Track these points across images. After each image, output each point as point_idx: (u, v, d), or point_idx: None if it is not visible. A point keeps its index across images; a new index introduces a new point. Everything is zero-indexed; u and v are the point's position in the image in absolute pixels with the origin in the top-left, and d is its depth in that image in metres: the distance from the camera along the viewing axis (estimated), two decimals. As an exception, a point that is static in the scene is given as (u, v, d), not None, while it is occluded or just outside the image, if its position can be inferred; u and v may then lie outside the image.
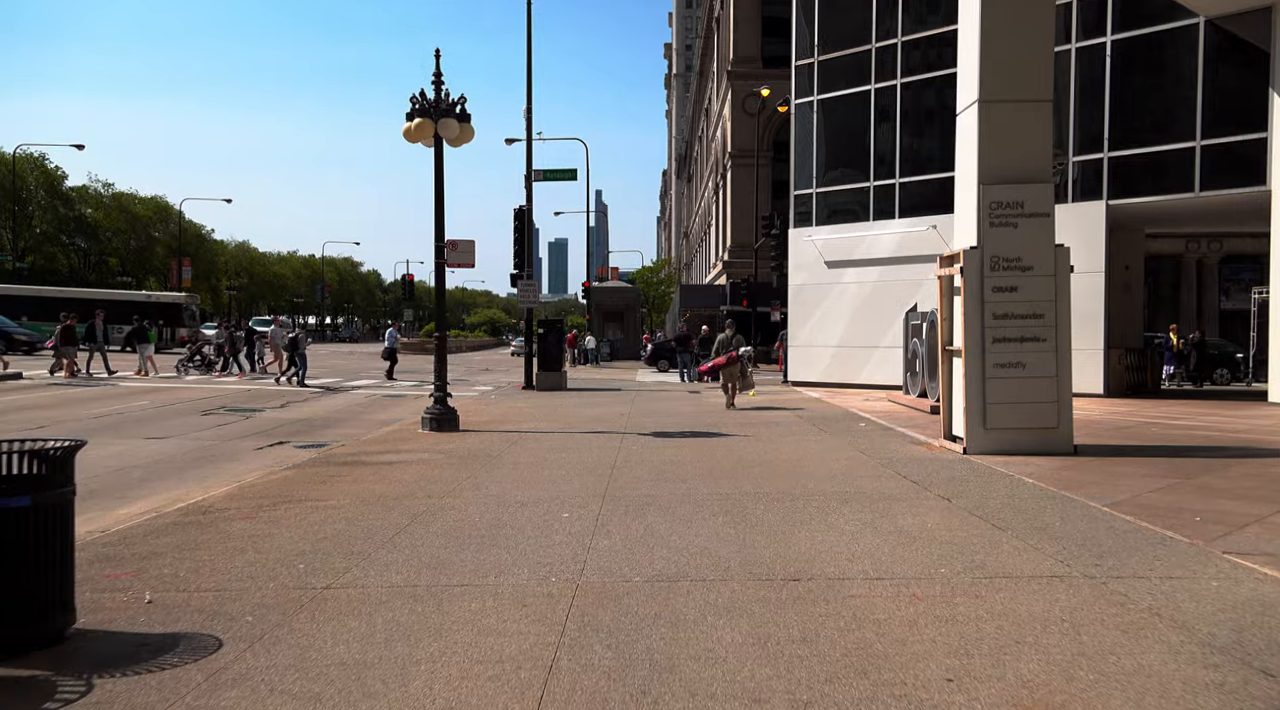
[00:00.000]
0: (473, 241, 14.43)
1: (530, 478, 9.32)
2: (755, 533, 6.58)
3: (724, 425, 14.51)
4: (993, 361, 10.51)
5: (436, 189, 14.01)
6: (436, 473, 9.69)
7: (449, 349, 30.56)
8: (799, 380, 24.69)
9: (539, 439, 12.78)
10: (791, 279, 25.15)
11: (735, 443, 12.22)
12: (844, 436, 12.95)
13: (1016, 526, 6.69)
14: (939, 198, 22.24)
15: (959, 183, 11.46)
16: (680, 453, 11.12)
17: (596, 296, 49.36)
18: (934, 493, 8.19)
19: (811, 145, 24.51)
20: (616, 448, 11.66)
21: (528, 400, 20.34)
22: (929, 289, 21.49)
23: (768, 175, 48.84)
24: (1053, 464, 9.83)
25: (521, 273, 24.59)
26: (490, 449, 11.65)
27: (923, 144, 22.86)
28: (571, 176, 24.65)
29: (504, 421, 15.43)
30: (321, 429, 15.17)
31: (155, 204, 77.74)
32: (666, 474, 9.42)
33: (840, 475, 9.31)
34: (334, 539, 6.50)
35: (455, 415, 14.03)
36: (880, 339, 22.79)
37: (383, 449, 11.73)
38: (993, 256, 10.50)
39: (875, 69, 23.06)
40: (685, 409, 17.85)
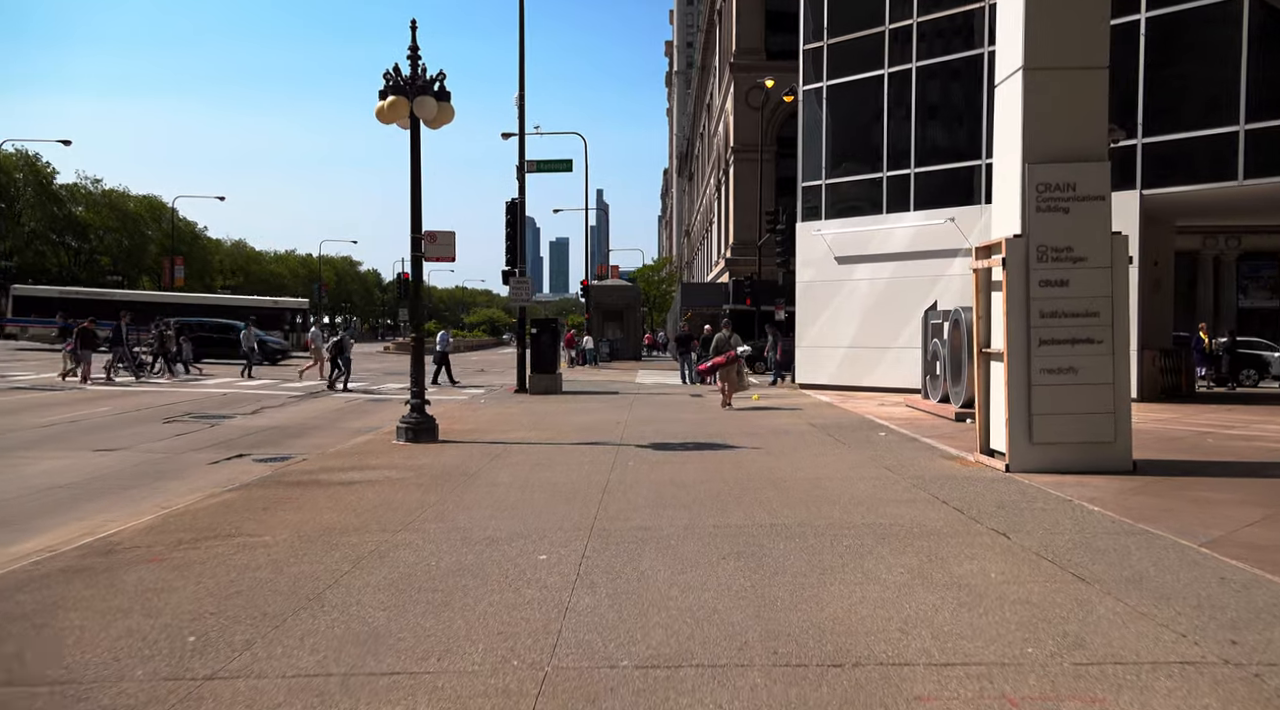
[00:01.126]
0: (452, 233, 13.11)
1: (508, 503, 8.00)
2: (776, 585, 5.26)
3: (730, 435, 13.19)
4: (1039, 366, 9.18)
5: (413, 175, 12.68)
6: (400, 496, 8.37)
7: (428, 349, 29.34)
8: (807, 383, 23.36)
9: (524, 452, 11.46)
10: (799, 276, 23.81)
11: (743, 457, 10.89)
12: (864, 448, 11.62)
13: (1103, 577, 5.36)
14: (958, 188, 20.91)
15: (998, 163, 10.13)
16: (682, 470, 9.80)
17: (596, 295, 48.03)
18: (985, 525, 6.86)
19: (820, 134, 23.17)
20: (610, 463, 10.35)
21: (519, 405, 19.03)
22: (947, 285, 20.19)
23: (771, 171, 47.48)
24: (1114, 485, 8.50)
25: (513, 269, 23.27)
26: (468, 465, 10.33)
27: (940, 132, 21.53)
28: (566, 167, 23.33)
29: (489, 430, 14.12)
30: (291, 438, 13.89)
31: (148, 202, 76.48)
32: (666, 498, 8.10)
33: (868, 500, 7.98)
34: (249, 594, 5.18)
35: (433, 424, 12.72)
36: (894, 339, 21.45)
37: (347, 465, 10.41)
38: (1040, 246, 9.17)
39: (889, 52, 21.71)
40: (687, 415, 16.52)
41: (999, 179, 10.09)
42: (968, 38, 20.84)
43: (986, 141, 20.04)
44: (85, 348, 23.13)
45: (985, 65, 19.97)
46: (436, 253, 12.94)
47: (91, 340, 23.31)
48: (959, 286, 20.02)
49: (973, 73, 20.58)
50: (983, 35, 20.07)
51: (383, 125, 12.60)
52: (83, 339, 23.18)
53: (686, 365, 26.80)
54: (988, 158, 20.02)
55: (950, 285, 20.19)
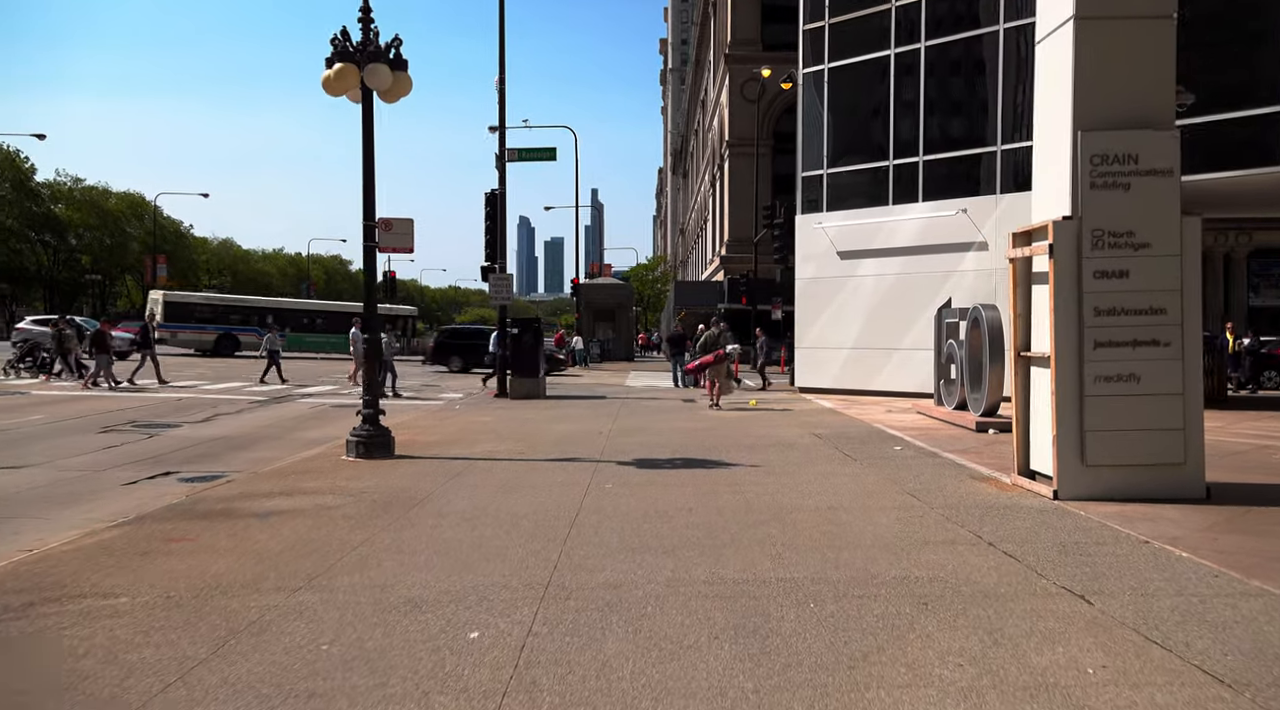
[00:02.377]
0: (410, 221, 11.58)
1: (452, 544, 6.48)
2: (790, 690, 3.75)
3: (725, 448, 11.67)
4: (1094, 374, 7.69)
5: (365, 154, 11.15)
6: (322, 533, 6.84)
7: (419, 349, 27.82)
8: (808, 386, 21.86)
9: (489, 471, 9.94)
10: (799, 272, 22.31)
11: (741, 477, 9.38)
12: (879, 466, 10.11)
13: (1247, 677, 3.86)
14: (970, 178, 19.45)
15: (1040, 134, 8.64)
16: (668, 496, 8.29)
17: (586, 294, 46.51)
18: (1053, 581, 5.36)
19: (822, 121, 21.66)
20: (585, 485, 8.83)
21: (495, 412, 17.50)
22: (959, 282, 18.72)
23: (767, 166, 46.05)
24: (1192, 519, 7.01)
25: (493, 265, 21.75)
26: (419, 488, 8.81)
27: (950, 117, 20.06)
28: (550, 157, 21.82)
29: (455, 442, 12.59)
30: (234, 451, 12.38)
31: (128, 199, 74.73)
32: (646, 538, 6.58)
33: (896, 541, 6.47)
34: (38, 709, 3.66)
35: (388, 438, 11.19)
36: (901, 339, 19.97)
37: (277, 488, 8.88)
38: (1095, 230, 7.68)
39: (896, 31, 20.23)
40: (678, 424, 15.00)
41: (1041, 153, 8.60)
42: (980, 14, 19.35)
43: (1001, 127, 18.58)
44: (100, 352, 21.57)
45: (1000, 44, 18.52)
46: (393, 242, 11.41)
47: (104, 344, 21.71)
48: (971, 283, 18.56)
49: (986, 52, 19.11)
50: (996, 11, 18.60)
51: (384, 123, 11.07)
52: (96, 342, 21.61)
53: (679, 367, 25.29)
54: (1003, 144, 18.56)
55: (962, 282, 18.73)
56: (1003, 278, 18.40)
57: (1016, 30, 18.28)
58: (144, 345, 23.29)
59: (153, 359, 23.17)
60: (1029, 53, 18.14)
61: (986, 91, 18.99)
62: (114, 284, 79.34)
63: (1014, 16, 18.17)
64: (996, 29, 18.51)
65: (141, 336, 23.57)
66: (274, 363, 24.95)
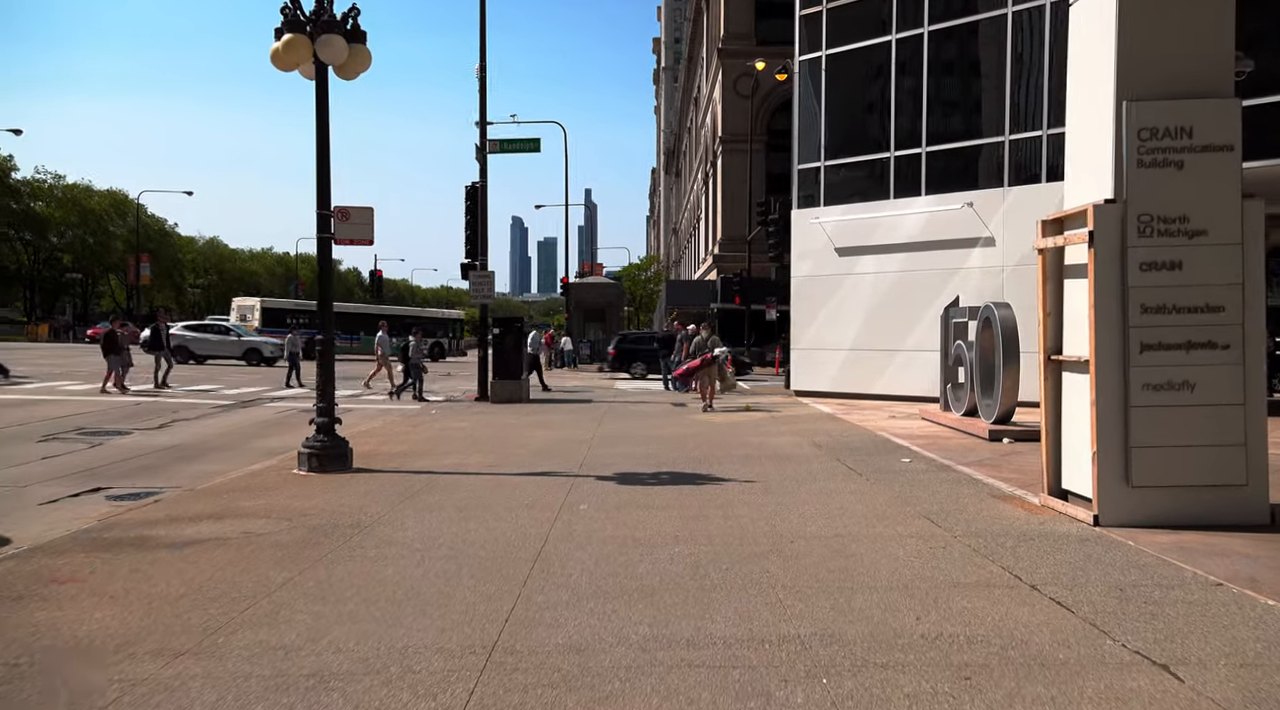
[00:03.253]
0: (370, 210, 10.51)
1: (389, 586, 5.42)
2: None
3: (716, 459, 10.63)
4: (1141, 380, 6.66)
5: (319, 136, 10.07)
6: (238, 572, 5.78)
7: None
8: (804, 389, 20.83)
9: (453, 488, 8.88)
10: (794, 270, 21.28)
11: (733, 495, 8.34)
12: (888, 482, 9.07)
13: None
14: (976, 169, 18.45)
15: (1075, 106, 7.62)
16: (650, 521, 7.24)
17: (576, 293, 45.43)
18: (1121, 642, 4.32)
19: (819, 111, 20.63)
20: (557, 507, 7.78)
21: (473, 417, 16.44)
22: (964, 279, 17.72)
23: (761, 162, 45.02)
24: (1267, 552, 5.97)
25: (474, 262, 20.68)
26: (368, 510, 7.74)
27: (956, 106, 19.05)
28: (534, 148, 20.76)
29: (423, 453, 11.53)
30: (181, 463, 11.34)
31: (111, 197, 73.33)
32: (621, 578, 5.54)
33: (919, 582, 5.44)
34: None
35: (344, 450, 10.12)
36: (902, 340, 18.96)
37: (207, 510, 7.80)
38: (1142, 215, 6.66)
39: (898, 15, 19.21)
40: (666, 431, 13.95)
41: (1076, 128, 7.58)
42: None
43: (1010, 116, 17.58)
44: (110, 353, 20.35)
45: (1009, 27, 17.53)
46: (350, 234, 10.34)
47: (114, 345, 20.48)
48: (977, 280, 17.56)
49: (994, 36, 18.12)
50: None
51: (375, 122, 9.99)
52: (106, 344, 20.44)
53: (669, 369, 24.23)
54: (1011, 133, 17.56)
55: (968, 279, 17.72)
56: (1011, 275, 17.44)
57: (1026, 13, 17.29)
58: (156, 347, 22.13)
59: (166, 360, 22.10)
60: (1039, 37, 17.16)
61: (994, 78, 18.00)
62: (97, 283, 77.92)
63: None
64: (1004, 11, 17.51)
65: (153, 338, 22.39)
66: (294, 366, 24.01)
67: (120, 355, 20.37)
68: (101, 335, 20.99)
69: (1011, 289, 17.06)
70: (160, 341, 22.02)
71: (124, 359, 20.52)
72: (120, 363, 20.39)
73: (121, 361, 20.44)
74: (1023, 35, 17.43)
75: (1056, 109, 16.88)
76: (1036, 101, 17.15)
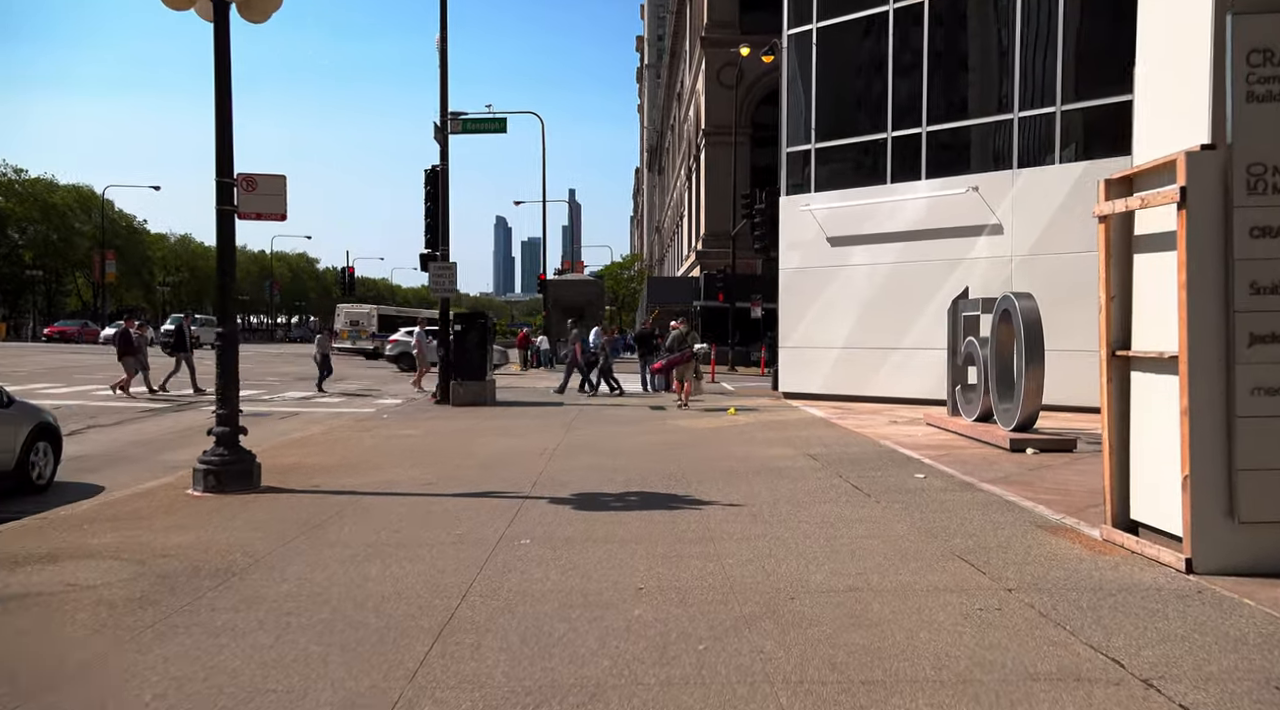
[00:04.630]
0: (282, 178, 8.78)
1: (219, 685, 3.74)
2: None
3: (697, 475, 8.99)
4: (1250, 382, 5.09)
5: (219, 87, 8.35)
6: (23, 648, 4.09)
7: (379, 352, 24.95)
8: (793, 391, 19.24)
9: (373, 513, 7.20)
10: (783, 262, 19.68)
11: (718, 526, 6.69)
12: (904, 505, 7.46)
13: None
14: (982, 150, 16.92)
15: (1149, 26, 6.03)
16: (608, 563, 5.59)
17: (554, 291, 43.68)
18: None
19: (810, 88, 19.02)
20: (493, 541, 6.13)
21: (428, 422, 14.73)
22: (969, 270, 16.17)
23: (746, 156, 43.49)
24: None
25: (434, 252, 18.95)
26: (252, 548, 6.06)
27: (959, 81, 17.50)
28: (500, 128, 19.05)
29: (355, 466, 9.83)
30: (69, 479, 9.58)
31: (76, 193, 70.91)
32: (555, 663, 3.89)
33: (979, 672, 3.81)
34: None
35: (248, 466, 8.41)
36: (900, 337, 17.40)
37: (50, 547, 6.10)
38: (1253, 166, 5.07)
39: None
40: (641, 439, 12.29)
41: (1151, 53, 6.00)
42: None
43: (1021, 90, 16.03)
44: (125, 354, 18.78)
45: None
46: (258, 207, 8.61)
47: (129, 346, 18.85)
48: (983, 272, 16.02)
49: (1002, 3, 16.57)
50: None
51: (368, 122, 8.26)
52: (121, 345, 18.86)
53: (648, 369, 22.59)
54: (1022, 110, 16.01)
55: (973, 270, 16.17)
56: (1021, 266, 15.89)
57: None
58: (178, 349, 20.45)
59: (188, 364, 20.31)
60: (1051, 3, 15.62)
61: (1003, 49, 16.45)
62: (62, 281, 75.49)
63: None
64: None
65: (176, 339, 20.75)
66: (324, 368, 22.25)
67: (136, 357, 18.92)
68: (115, 336, 19.44)
69: (1021, 280, 15.52)
70: (185, 343, 20.54)
71: (140, 360, 19.08)
72: (137, 364, 18.95)
73: (138, 363, 18.99)
74: (1033, 1, 15.89)
75: (1072, 83, 15.37)
76: (1049, 75, 15.62)
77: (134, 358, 18.98)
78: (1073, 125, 15.48)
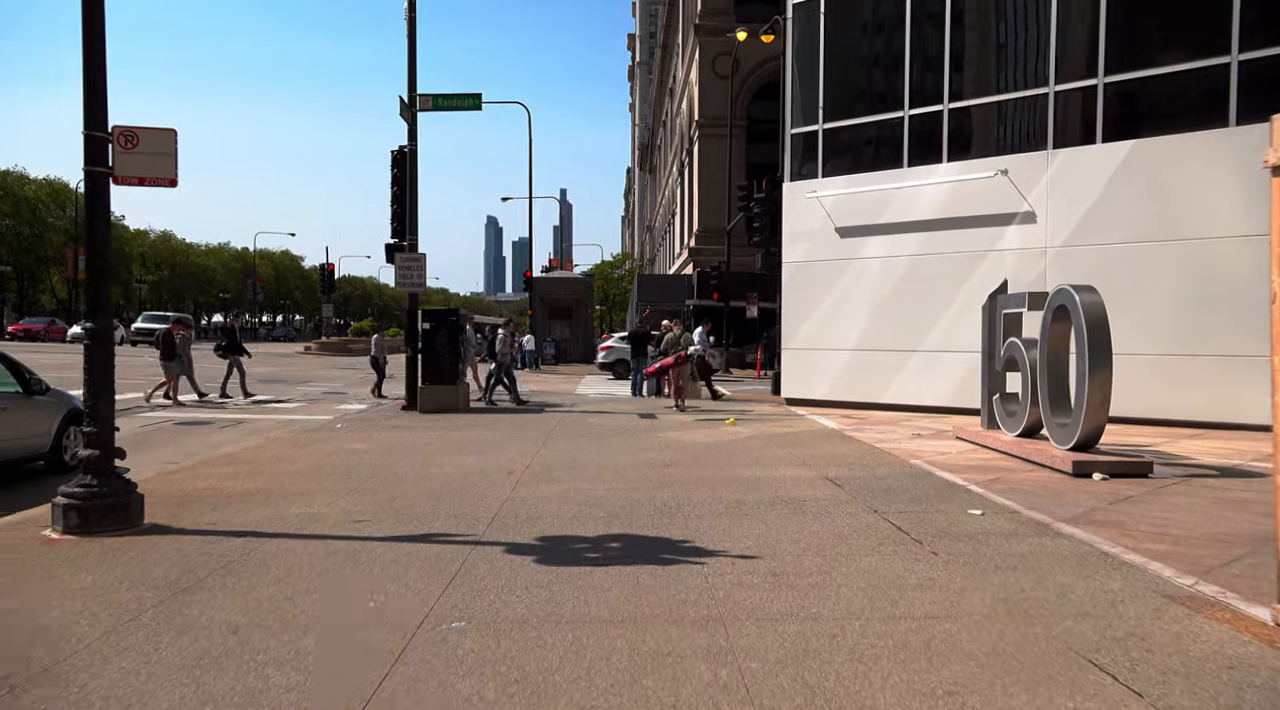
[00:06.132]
0: (171, 133, 6.95)
1: None
2: None
3: (696, 511, 7.18)
4: None
5: (86, 18, 6.51)
6: None
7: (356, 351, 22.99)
8: (797, 397, 17.47)
9: (266, 573, 5.37)
10: (787, 255, 17.90)
11: (726, 598, 4.87)
12: (971, 561, 5.67)
13: None
14: (1013, 129, 15.18)
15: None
16: (577, 667, 3.78)
17: (540, 289, 41.85)
18: None
19: (817, 62, 17.22)
20: (411, 626, 4.32)
21: (386, 433, 12.90)
22: (996, 263, 14.44)
23: (741, 150, 41.72)
24: None
25: (401, 242, 17.12)
26: (73, 633, 4.27)
27: (988, 51, 15.71)
28: (474, 104, 17.19)
29: (276, 492, 8.00)
30: None
31: (49, 187, 68.67)
32: None
33: None
34: None
35: (125, 498, 6.59)
36: (920, 339, 15.65)
37: None
38: None
39: (915, -58, 15.86)
40: (628, 458, 10.46)
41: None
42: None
43: (1057, 61, 14.27)
44: (165, 358, 17.25)
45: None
46: (141, 168, 6.76)
47: (171, 349, 17.28)
48: (1013, 265, 14.28)
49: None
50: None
51: (356, 125, 6.41)
52: (164, 348, 17.30)
53: (639, 372, 20.81)
54: (1059, 83, 14.26)
55: (1001, 263, 14.42)
56: (1057, 259, 14.13)
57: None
58: (231, 350, 19.11)
59: (239, 368, 18.98)
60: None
61: (1037, 16, 14.67)
62: (33, 277, 73.16)
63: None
64: (1051, -69, 14.21)
65: (228, 340, 19.40)
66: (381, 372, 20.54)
67: (179, 360, 17.36)
68: (159, 338, 17.82)
69: (1056, 274, 13.80)
70: (238, 346, 19.30)
71: (184, 364, 17.56)
72: (179, 368, 17.41)
73: (181, 367, 17.46)
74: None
75: (1118, 51, 13.61)
76: (1091, 42, 13.87)
77: (177, 361, 17.37)
78: (1118, 99, 13.74)
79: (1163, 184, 13.27)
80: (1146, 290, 13.31)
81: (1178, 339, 13.17)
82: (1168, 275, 13.28)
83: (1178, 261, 13.21)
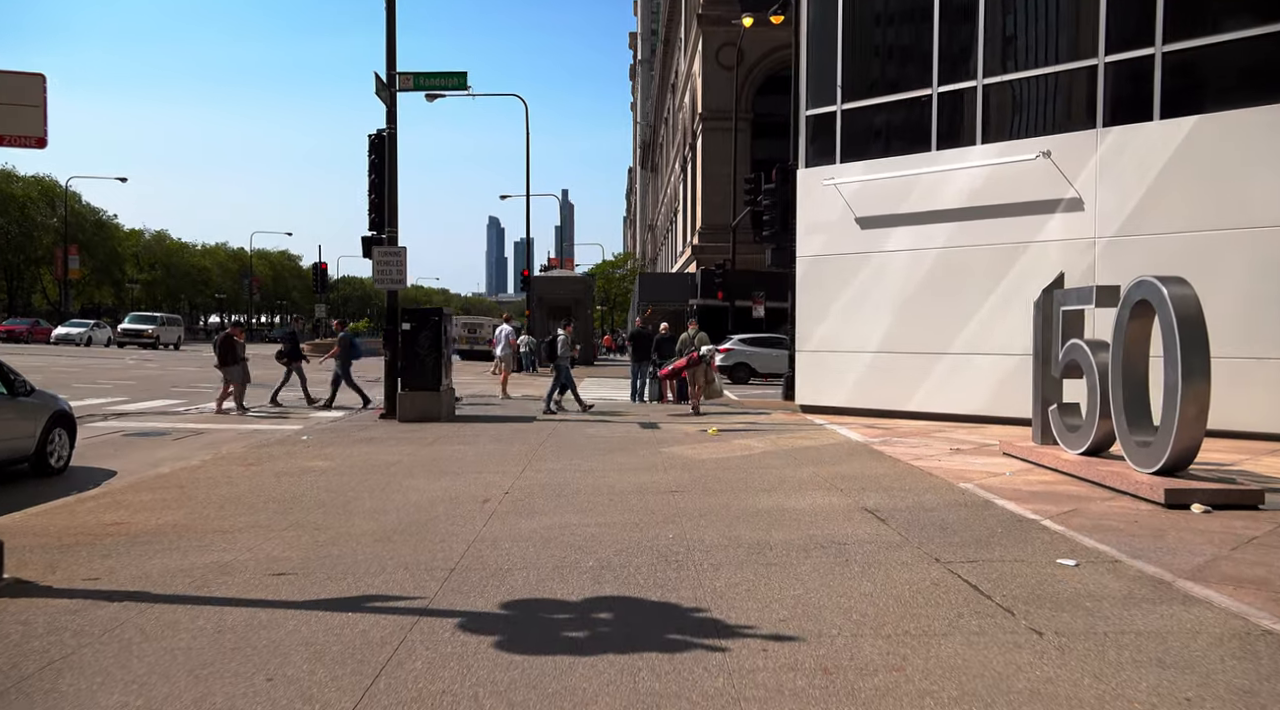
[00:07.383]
0: (39, 78, 5.51)
1: None
2: None
3: (708, 557, 5.69)
4: None
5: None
6: None
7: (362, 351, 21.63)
8: (812, 404, 15.96)
9: (123, 666, 3.86)
10: (801, 249, 16.40)
11: None
12: (1094, 650, 4.16)
13: None
14: (1056, 106, 13.67)
15: None
16: None
17: (539, 288, 40.40)
18: None
19: (835, 37, 15.71)
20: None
21: (353, 447, 11.41)
22: (1040, 257, 12.92)
23: (746, 144, 40.24)
24: None
25: (380, 235, 15.63)
26: None
27: (1026, 20, 14.18)
28: (459, 84, 15.68)
29: (195, 529, 6.51)
30: None
31: (40, 185, 67.19)
32: None
33: None
34: None
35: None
36: (950, 340, 14.15)
37: None
38: None
39: (945, -99, 14.35)
40: (626, 481, 8.93)
41: None
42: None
43: (1107, 29, 12.75)
44: (224, 364, 16.16)
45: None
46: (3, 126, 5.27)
47: (232, 354, 16.18)
48: (1057, 257, 12.77)
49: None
50: None
51: (345, 120, 4.94)
52: (222, 353, 16.20)
53: (640, 375, 19.31)
54: (1109, 54, 12.75)
55: (1043, 257, 12.93)
56: (1107, 250, 12.56)
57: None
58: (292, 357, 17.90)
59: (298, 374, 17.87)
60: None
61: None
62: (21, 277, 71.75)
63: None
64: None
65: (289, 346, 18.17)
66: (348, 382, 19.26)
67: (239, 365, 16.17)
68: (217, 342, 16.55)
69: (1106, 267, 12.32)
70: (299, 351, 18.22)
71: (243, 370, 16.33)
72: (239, 374, 16.19)
73: (241, 373, 16.25)
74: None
75: (1176, 16, 12.10)
76: (1146, 7, 12.36)
77: (237, 366, 16.14)
78: (1178, 70, 12.22)
79: (1229, 165, 11.76)
80: (1211, 286, 11.71)
81: (1246, 340, 11.66)
82: (1235, 268, 11.77)
83: (1247, 253, 11.70)
